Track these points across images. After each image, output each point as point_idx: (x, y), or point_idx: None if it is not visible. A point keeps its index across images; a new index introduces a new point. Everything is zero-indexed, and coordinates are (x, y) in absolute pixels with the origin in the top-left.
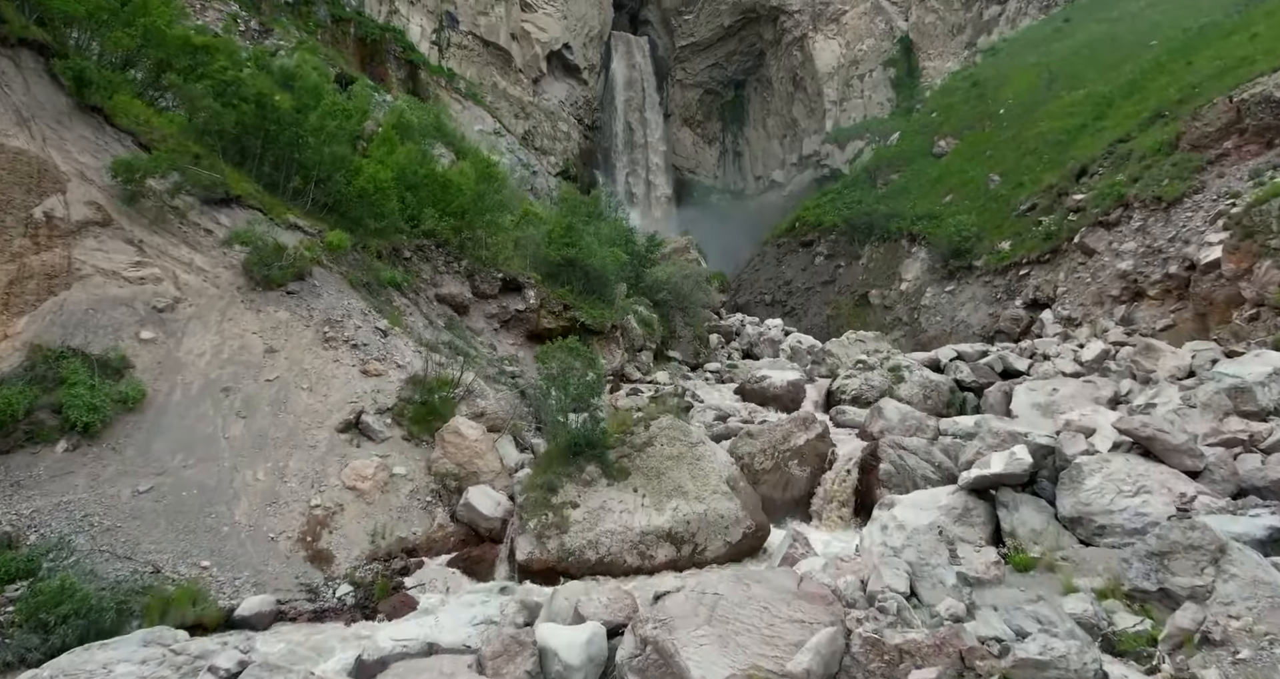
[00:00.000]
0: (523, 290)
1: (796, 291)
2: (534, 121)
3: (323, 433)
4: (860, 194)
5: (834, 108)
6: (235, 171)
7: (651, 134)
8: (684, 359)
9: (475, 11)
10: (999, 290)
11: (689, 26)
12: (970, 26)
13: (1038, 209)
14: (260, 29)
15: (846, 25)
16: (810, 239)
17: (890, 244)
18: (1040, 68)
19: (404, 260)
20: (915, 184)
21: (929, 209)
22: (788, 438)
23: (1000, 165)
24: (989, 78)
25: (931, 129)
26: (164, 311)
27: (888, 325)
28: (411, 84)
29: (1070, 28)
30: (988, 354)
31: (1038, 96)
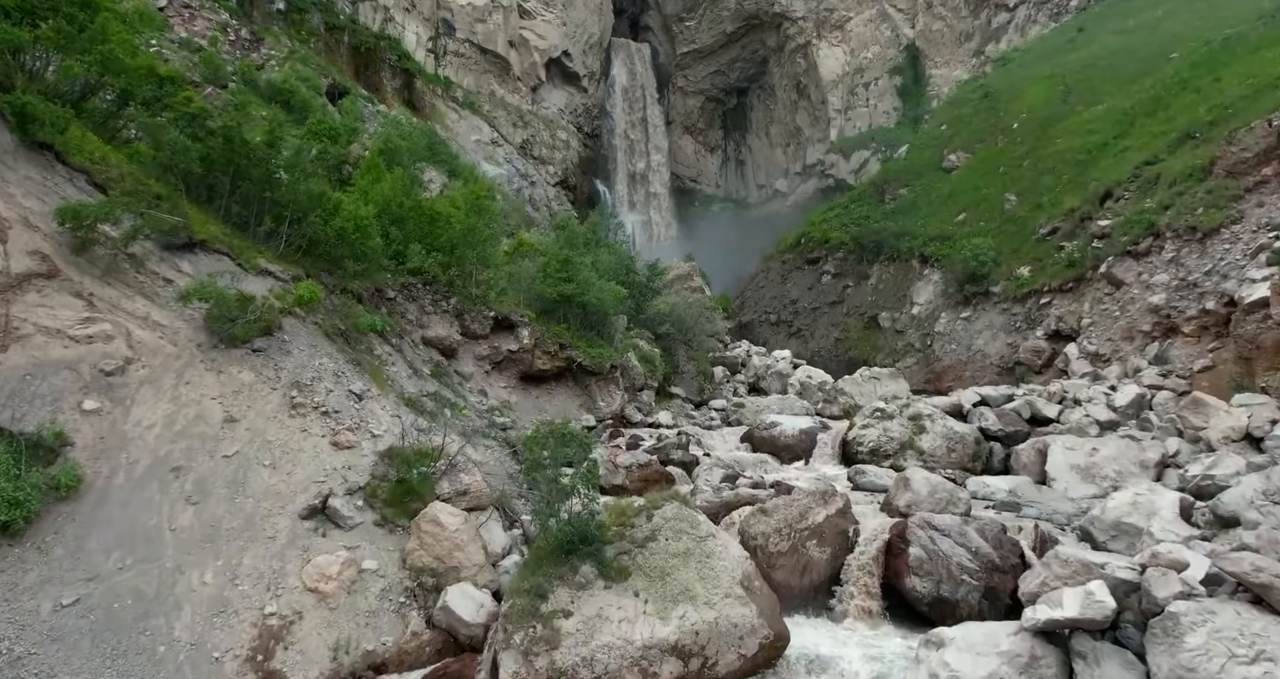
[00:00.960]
0: (516, 329)
1: (803, 311)
2: (532, 130)
3: (284, 520)
4: (867, 209)
5: (838, 116)
6: (201, 212)
7: (652, 142)
8: (687, 396)
9: (472, 19)
10: (1018, 319)
11: (690, 33)
12: (978, 34)
13: (1059, 234)
14: (251, 38)
15: (851, 32)
16: (816, 256)
17: (900, 264)
18: (1055, 80)
19: (387, 301)
20: (925, 200)
21: (941, 229)
22: (805, 515)
23: (1017, 184)
24: (1001, 89)
25: (941, 142)
26: (113, 375)
27: (899, 351)
28: (407, 93)
29: (1084, 38)
30: (1013, 398)
31: (1054, 110)
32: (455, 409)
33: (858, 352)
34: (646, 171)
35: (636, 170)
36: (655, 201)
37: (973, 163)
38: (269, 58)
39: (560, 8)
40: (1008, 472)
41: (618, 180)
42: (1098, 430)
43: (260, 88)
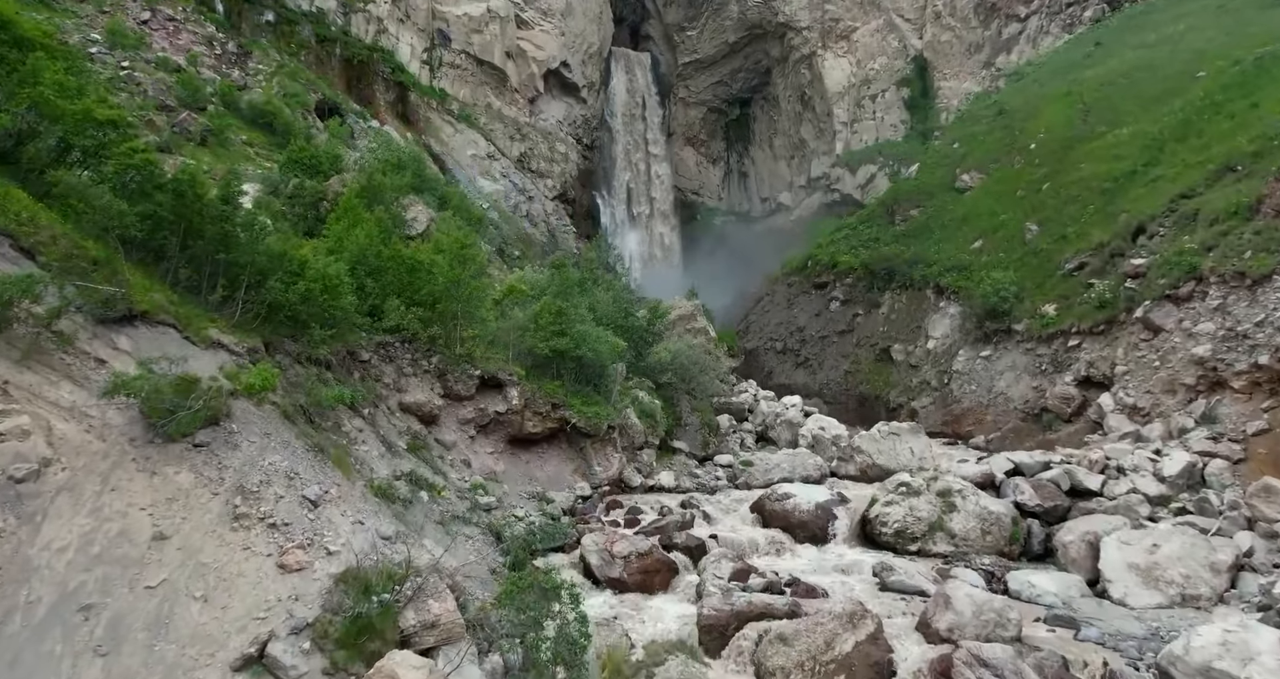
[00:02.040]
0: (504, 389)
1: (810, 340)
2: (530, 143)
3: (212, 674)
4: (877, 230)
5: (844, 129)
6: (145, 276)
7: (653, 154)
8: (691, 450)
9: (469, 29)
10: (1043, 360)
11: (692, 42)
12: (988, 45)
13: (1087, 270)
14: (238, 52)
15: (857, 43)
16: (824, 281)
17: (914, 293)
18: (1073, 98)
19: (361, 364)
20: (938, 223)
21: (956, 257)
22: (831, 643)
23: (1038, 213)
24: (1016, 106)
25: (954, 161)
26: (24, 482)
27: (914, 388)
28: (401, 106)
29: (1102, 53)
30: (1050, 466)
31: (1074, 131)
32: (433, 491)
33: (869, 386)
34: (647, 184)
35: (637, 183)
36: (656, 215)
37: (988, 184)
38: (256, 72)
39: (559, 17)
40: (1049, 554)
41: (617, 193)
42: (1148, 508)
43: (241, 109)
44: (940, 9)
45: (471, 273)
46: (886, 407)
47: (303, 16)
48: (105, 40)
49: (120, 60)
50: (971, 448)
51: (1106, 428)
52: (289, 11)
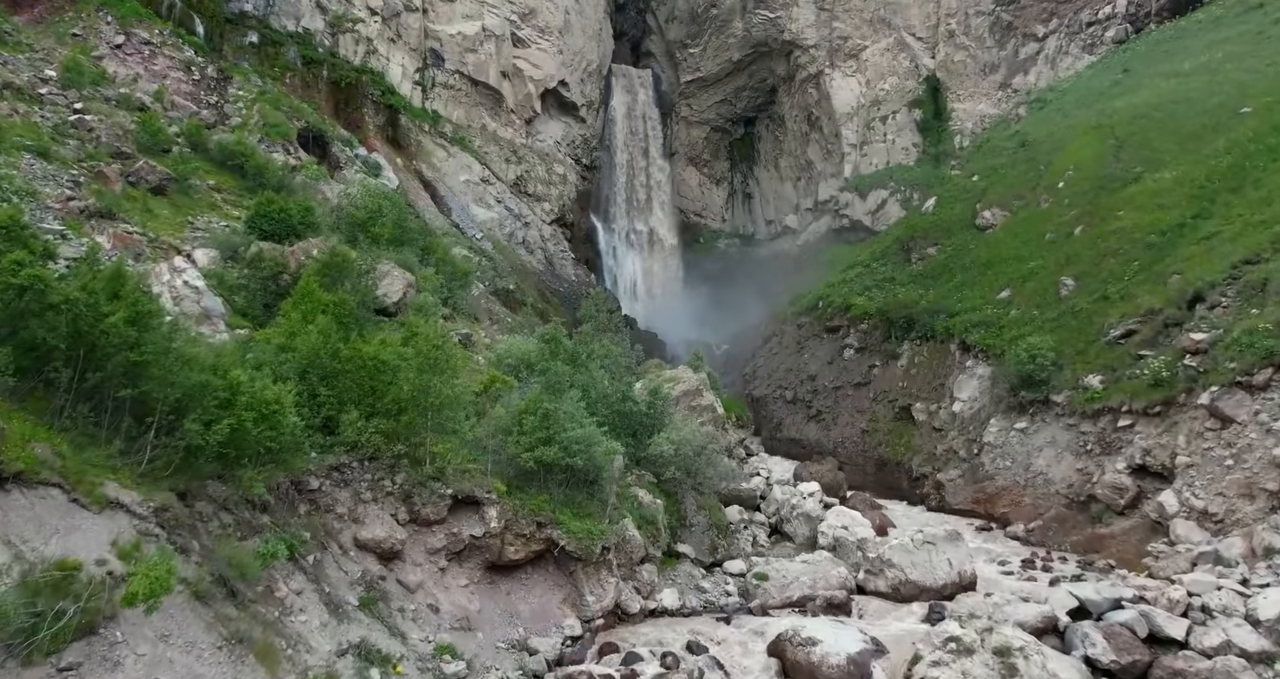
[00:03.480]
0: (481, 508)
1: (823, 391)
2: (526, 165)
3: None
4: (892, 269)
5: (853, 151)
6: (28, 419)
7: (654, 174)
8: (698, 556)
9: (462, 48)
10: (1088, 439)
11: (694, 60)
12: (1004, 65)
13: (1136, 339)
14: (218, 77)
15: (867, 62)
16: (837, 325)
17: (936, 347)
18: (1102, 131)
19: (309, 495)
20: (959, 264)
21: (982, 308)
22: None
23: (1073, 264)
24: (1039, 138)
25: (973, 196)
26: None
27: (939, 457)
28: (390, 130)
29: (1130, 81)
30: (1122, 604)
31: (1106, 169)
32: (387, 667)
33: (889, 449)
34: (648, 205)
35: (637, 204)
36: (657, 237)
37: (1012, 224)
38: (236, 99)
39: (557, 35)
40: None
41: (618, 215)
42: (1251, 675)
43: (210, 151)
44: (954, 28)
45: (444, 380)
46: (909, 475)
47: (288, 38)
48: (60, 78)
49: (73, 101)
50: (1010, 537)
51: (1173, 536)
52: (274, 33)
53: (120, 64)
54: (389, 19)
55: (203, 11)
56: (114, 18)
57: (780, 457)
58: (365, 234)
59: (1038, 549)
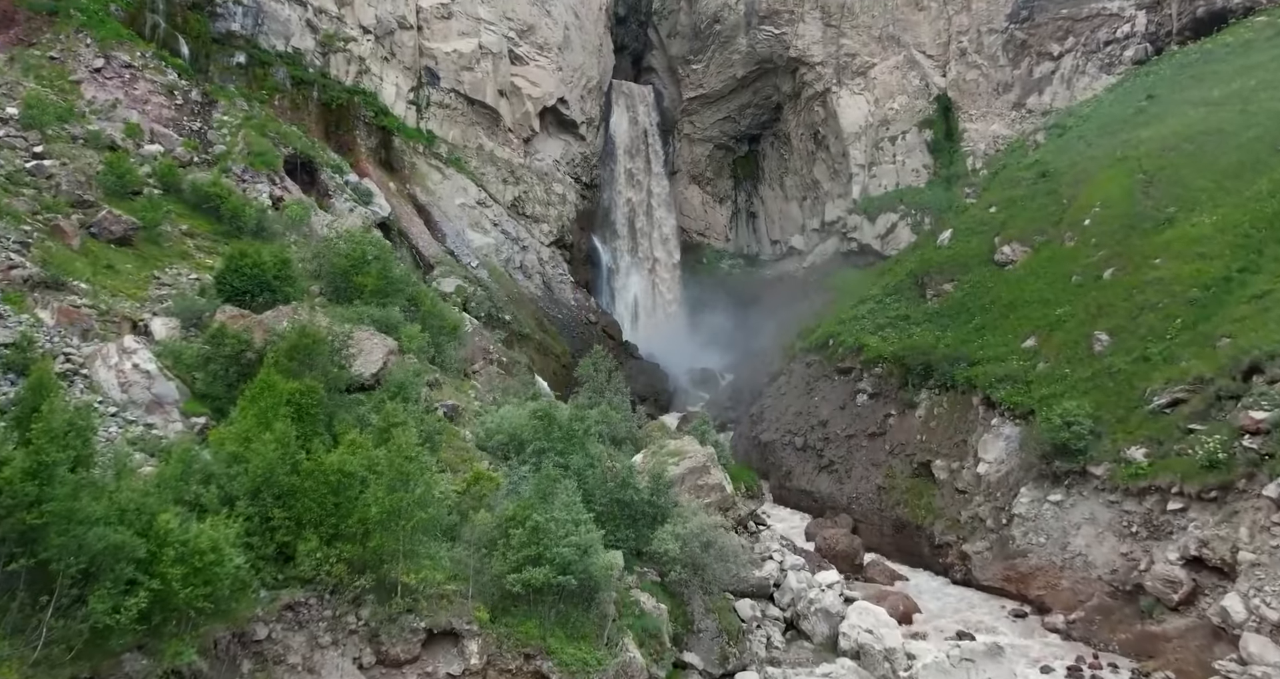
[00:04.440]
0: (460, 641)
1: (835, 439)
2: (525, 186)
3: None
4: (906, 306)
5: (861, 172)
6: None
7: (656, 193)
8: (706, 667)
9: (458, 67)
10: (1133, 520)
11: (697, 76)
12: (1018, 84)
13: (1185, 410)
14: (202, 101)
15: (875, 80)
16: (849, 366)
17: (956, 397)
18: (1129, 164)
19: (253, 647)
20: (977, 304)
21: (1005, 359)
22: None
23: (1106, 316)
24: (1061, 168)
25: (991, 229)
26: None
27: (964, 525)
28: (383, 152)
29: (1156, 109)
30: None
31: (1136, 207)
32: None
33: (908, 510)
34: (649, 225)
35: (639, 223)
36: (659, 258)
37: (1034, 262)
38: (221, 125)
39: (556, 51)
40: None
41: (617, 236)
42: None
43: (184, 192)
44: (965, 46)
45: (418, 499)
46: (930, 541)
47: (277, 58)
48: (21, 116)
49: (34, 143)
50: (1048, 628)
51: (1244, 653)
52: (262, 53)
53: (99, 88)
54: (382, 37)
55: (188, 32)
56: (94, 40)
57: (790, 508)
58: (349, 283)
59: (1082, 648)
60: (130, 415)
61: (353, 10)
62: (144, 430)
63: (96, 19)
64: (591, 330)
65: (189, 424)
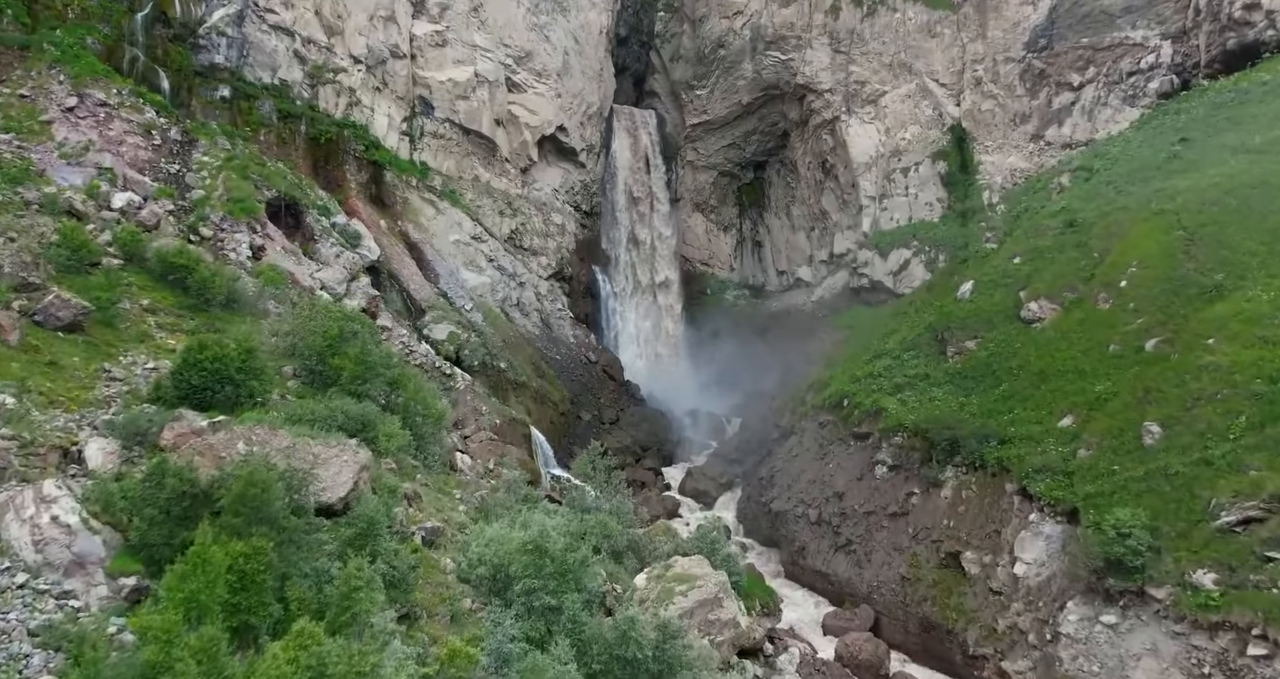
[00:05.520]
0: None
1: (852, 515)
2: (522, 217)
3: None
4: (925, 364)
5: (872, 204)
6: None
7: (658, 221)
8: None
9: (453, 96)
10: (1204, 659)
11: (701, 102)
12: (1036, 115)
13: (1260, 532)
14: (182, 140)
15: (886, 109)
16: (865, 431)
17: (987, 480)
18: (1167, 218)
19: None
20: (1004, 367)
21: (1041, 440)
22: None
23: (1156, 404)
24: (1090, 219)
25: (1016, 282)
26: None
27: (1001, 635)
28: (374, 188)
29: (1191, 154)
30: None
31: (1179, 271)
32: None
33: (937, 609)
34: (652, 254)
35: (640, 253)
36: (661, 288)
37: (1065, 324)
38: (201, 166)
39: (555, 78)
40: None
41: (619, 265)
42: None
43: (148, 261)
44: (980, 74)
45: None
46: (964, 650)
47: (263, 91)
48: None
49: None
50: None
51: None
52: (247, 86)
53: (71, 129)
54: (374, 67)
55: (169, 65)
56: (67, 76)
57: (804, 588)
58: (325, 365)
59: None
60: (44, 583)
61: (343, 40)
62: (56, 608)
63: (71, 54)
64: (592, 371)
65: (116, 587)
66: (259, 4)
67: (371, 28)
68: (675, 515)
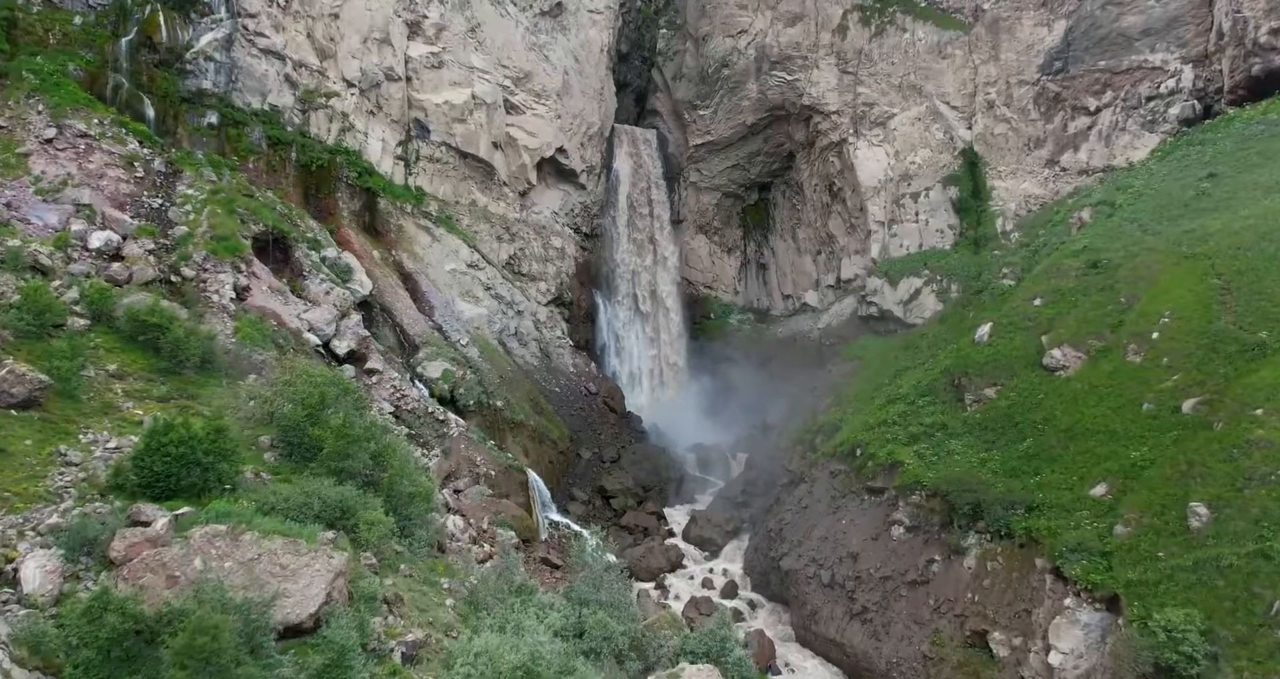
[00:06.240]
0: None
1: (868, 579)
2: (521, 243)
3: None
4: (942, 411)
5: (881, 229)
6: None
7: (660, 243)
8: None
9: (450, 119)
10: None
11: (704, 123)
12: (1051, 140)
13: None
14: (166, 171)
15: (895, 131)
16: (880, 486)
17: (1014, 550)
18: (1199, 263)
19: None
20: (1027, 419)
21: (1072, 511)
22: None
23: (1201, 481)
24: (1115, 259)
25: (1038, 325)
26: None
27: None
28: (368, 216)
29: (1220, 192)
30: None
31: (1215, 324)
32: None
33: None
34: (654, 277)
35: (642, 275)
36: (663, 312)
37: (1092, 376)
38: (185, 200)
39: (554, 98)
40: None
41: (620, 288)
42: None
43: (118, 321)
44: (993, 97)
45: None
46: None
47: (253, 117)
48: None
49: None
50: None
51: None
52: (236, 112)
53: (50, 161)
54: (368, 90)
55: (154, 91)
56: (46, 106)
57: (817, 656)
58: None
59: None
60: None
61: (335, 63)
62: None
63: (51, 82)
64: (592, 403)
65: None
66: (249, 27)
67: (365, 50)
68: (679, 566)
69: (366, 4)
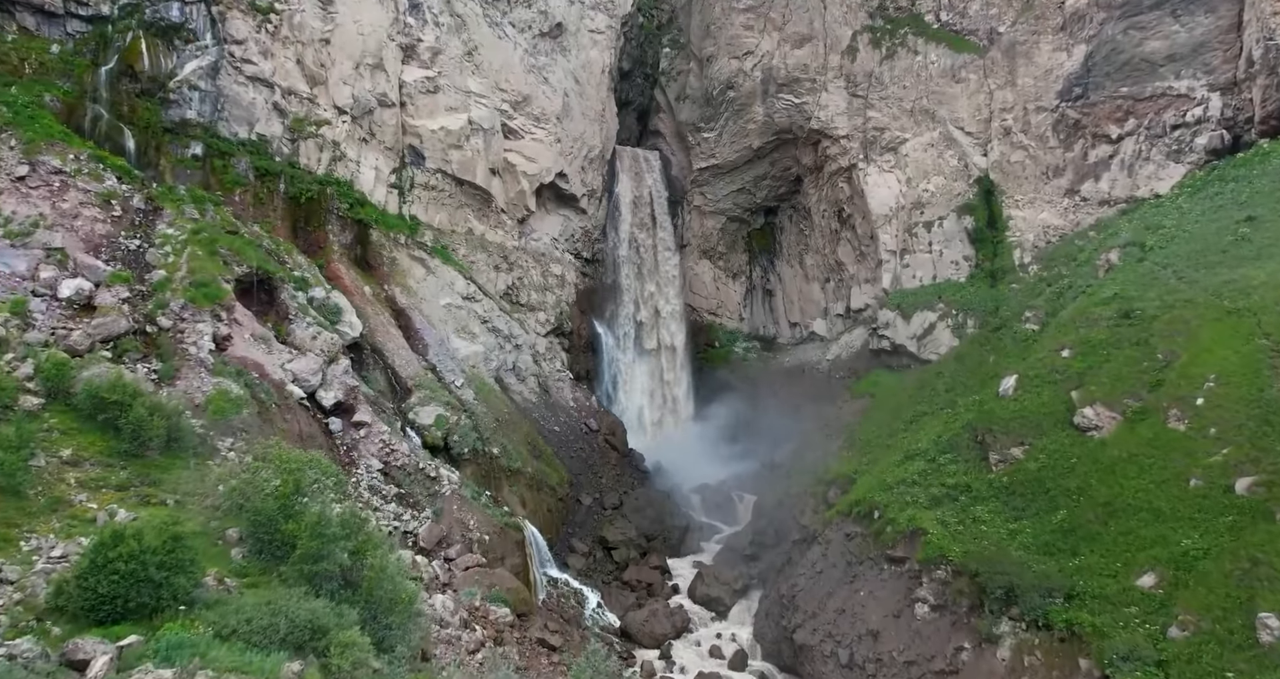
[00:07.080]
0: None
1: (890, 663)
2: (519, 272)
3: None
4: (965, 470)
5: (892, 259)
6: None
7: (663, 268)
8: None
9: (446, 145)
10: None
11: (709, 146)
12: (1071, 169)
13: None
14: (145, 208)
15: (907, 157)
16: (901, 555)
17: (1053, 643)
18: (1244, 321)
19: None
20: (1059, 486)
21: (1118, 604)
22: None
23: (1269, 587)
24: (1149, 310)
25: (1067, 379)
26: None
27: None
28: (360, 248)
29: (1261, 237)
30: None
31: (1267, 392)
32: None
33: None
34: (656, 304)
35: (644, 302)
36: (666, 340)
37: (1130, 440)
38: (165, 240)
39: (554, 122)
40: None
41: (621, 316)
42: None
43: (75, 398)
44: (1010, 123)
45: None
46: None
47: (239, 147)
48: None
49: None
50: None
51: None
52: (222, 142)
53: (21, 201)
54: (360, 117)
55: (135, 122)
56: (19, 141)
57: None
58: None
59: None
60: None
61: (326, 90)
62: None
63: (25, 115)
64: (593, 442)
65: None
66: (235, 54)
67: (358, 76)
68: (685, 631)
69: (359, 28)
